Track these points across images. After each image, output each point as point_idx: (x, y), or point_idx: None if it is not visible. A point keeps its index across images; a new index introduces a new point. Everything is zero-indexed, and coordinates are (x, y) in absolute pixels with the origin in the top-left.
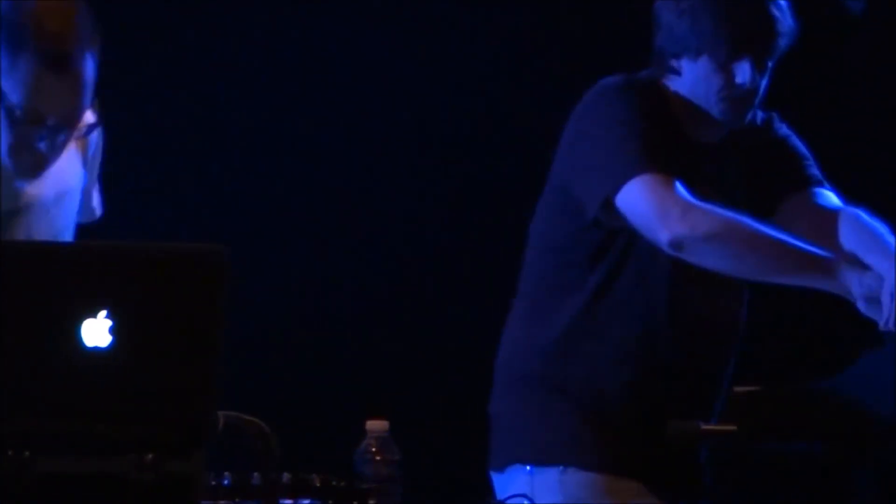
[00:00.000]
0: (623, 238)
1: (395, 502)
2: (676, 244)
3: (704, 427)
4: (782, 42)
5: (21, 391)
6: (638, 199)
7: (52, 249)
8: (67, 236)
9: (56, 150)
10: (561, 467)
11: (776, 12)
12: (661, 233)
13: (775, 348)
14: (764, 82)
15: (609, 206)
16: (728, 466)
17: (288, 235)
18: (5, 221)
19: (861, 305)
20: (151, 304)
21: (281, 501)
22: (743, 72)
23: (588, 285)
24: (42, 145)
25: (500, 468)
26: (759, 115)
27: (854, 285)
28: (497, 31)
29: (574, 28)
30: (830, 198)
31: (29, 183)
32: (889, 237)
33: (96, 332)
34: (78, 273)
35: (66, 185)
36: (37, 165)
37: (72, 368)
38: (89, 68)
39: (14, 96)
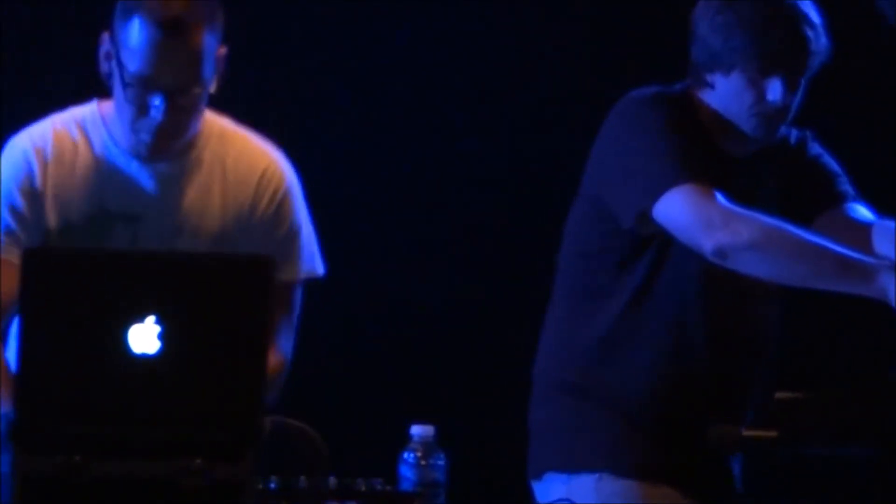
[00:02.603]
0: (656, 245)
1: None
2: (720, 253)
3: (746, 432)
4: (815, 61)
5: (71, 396)
6: (678, 209)
7: (101, 256)
8: None
9: (177, 127)
10: (597, 474)
11: (809, 31)
12: (705, 242)
13: (817, 354)
14: (796, 100)
15: (643, 217)
16: (767, 473)
17: (333, 242)
18: (120, 223)
19: None
20: (199, 310)
21: None
22: (774, 89)
23: (621, 292)
24: (158, 116)
25: (538, 476)
26: (794, 133)
27: (893, 291)
28: (533, 42)
29: (607, 38)
30: (864, 212)
31: (160, 195)
32: None
33: (144, 338)
34: (126, 280)
35: (200, 220)
36: (159, 140)
37: (120, 374)
38: (207, 40)
39: (130, 65)
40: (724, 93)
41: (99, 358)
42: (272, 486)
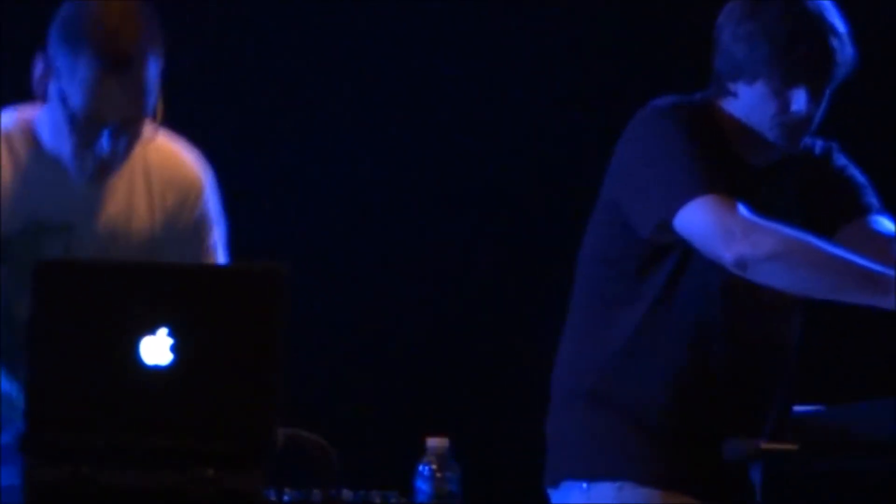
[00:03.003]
0: (676, 254)
1: None
2: (741, 264)
3: (765, 446)
4: (840, 72)
5: (82, 407)
6: (699, 220)
7: (112, 268)
8: None
9: (119, 155)
10: (618, 483)
11: (835, 42)
12: (725, 253)
13: (838, 367)
14: (820, 110)
15: (663, 227)
16: (787, 485)
17: (348, 256)
18: (52, 233)
19: None
20: (211, 322)
21: None
22: (798, 99)
23: (640, 300)
24: (104, 149)
25: (556, 484)
26: (819, 144)
27: None
28: (555, 51)
29: (628, 47)
30: (888, 225)
31: (89, 204)
32: None
33: (156, 350)
34: (138, 292)
35: (128, 225)
36: (102, 170)
37: (132, 386)
38: (151, 70)
39: (75, 99)
40: (747, 102)
41: (110, 369)
42: (286, 498)
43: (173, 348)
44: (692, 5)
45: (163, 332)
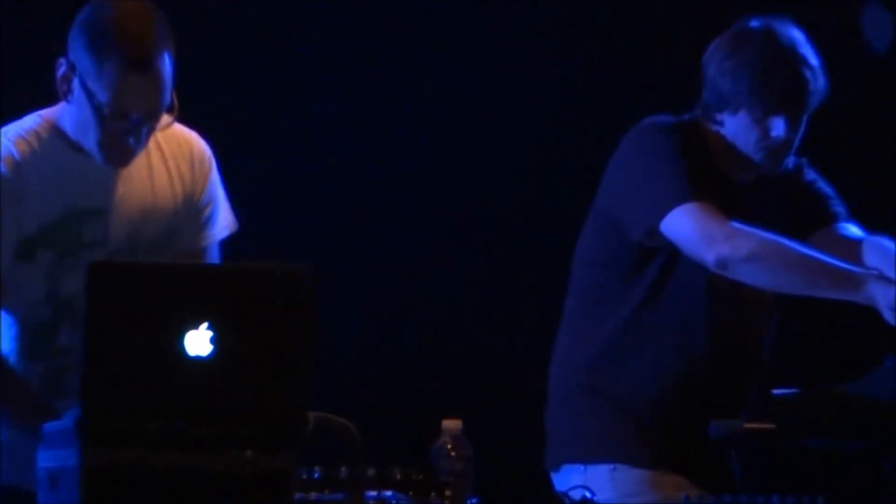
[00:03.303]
0: (662, 257)
1: (467, 493)
2: (721, 264)
3: (747, 426)
4: (814, 101)
5: (133, 395)
6: (684, 225)
7: (159, 269)
8: (157, 250)
9: (140, 143)
10: (612, 465)
11: (809, 74)
12: (707, 254)
13: (811, 354)
14: (798, 135)
15: (651, 231)
16: (764, 463)
17: (370, 258)
18: (89, 217)
19: (887, 314)
20: (248, 317)
21: (366, 493)
22: (777, 127)
23: (629, 300)
24: (128, 138)
25: (556, 467)
26: (792, 160)
27: (880, 297)
28: (555, 75)
29: (623, 70)
30: (854, 230)
31: (119, 188)
32: None
33: (199, 343)
34: (182, 290)
35: (155, 202)
36: (125, 156)
37: (177, 376)
38: (167, 68)
39: (102, 96)
40: (732, 129)
41: (158, 361)
42: (316, 475)
43: (213, 341)
44: (684, 25)
45: (204, 326)
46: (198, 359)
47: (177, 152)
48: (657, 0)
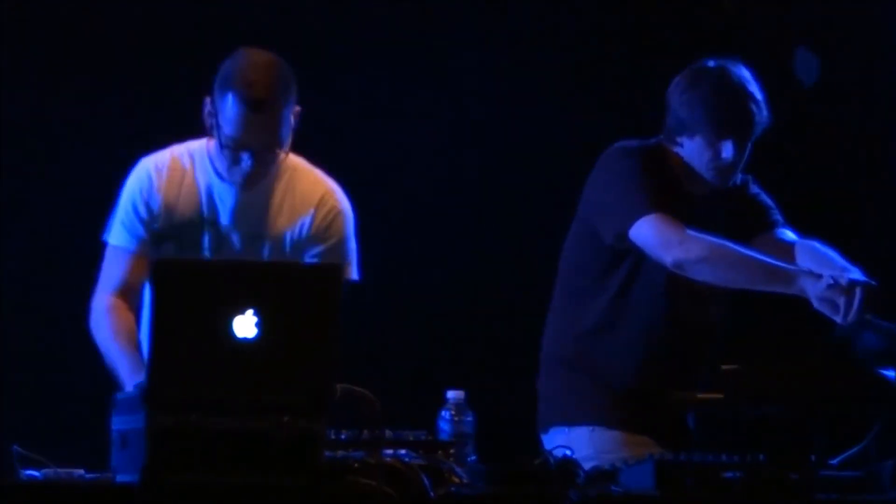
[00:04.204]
0: (631, 258)
1: (468, 453)
2: (678, 265)
3: (699, 395)
4: (758, 129)
5: (190, 369)
6: (647, 232)
7: (212, 264)
8: None
9: (257, 173)
10: (591, 427)
11: (754, 107)
12: (666, 257)
13: (753, 337)
14: (744, 156)
15: (621, 237)
16: (715, 427)
17: (390, 248)
18: (208, 226)
19: (815, 304)
20: (287, 305)
21: (383, 451)
22: (727, 149)
23: (605, 292)
24: (246, 167)
25: (545, 429)
26: (739, 177)
27: (810, 290)
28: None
29: (600, 100)
30: (790, 235)
31: (241, 210)
32: (837, 257)
33: (245, 326)
34: (231, 282)
35: (265, 230)
36: (245, 182)
37: (227, 353)
38: (284, 112)
39: (224, 129)
40: (689, 150)
41: (211, 341)
42: (342, 436)
43: (258, 325)
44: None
45: (250, 312)
46: (244, 340)
47: (304, 197)
48: (635, 40)
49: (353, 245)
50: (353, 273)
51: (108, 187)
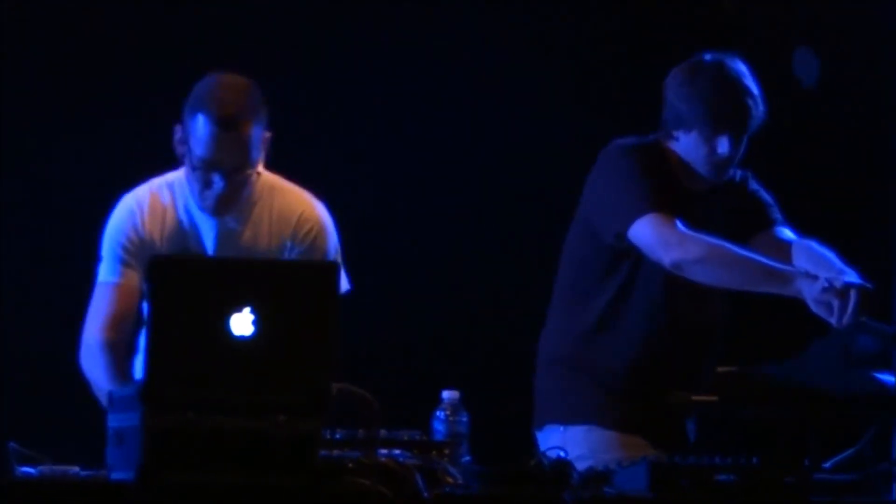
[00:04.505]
0: (630, 257)
1: (463, 453)
2: (676, 266)
3: (695, 398)
4: (754, 124)
5: (187, 368)
6: (646, 232)
7: (209, 262)
8: None
9: (230, 192)
10: (586, 426)
11: (750, 102)
12: (664, 258)
13: (749, 339)
14: (740, 151)
15: (620, 236)
16: (711, 428)
17: (385, 251)
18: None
19: (811, 306)
20: (283, 303)
21: (379, 451)
22: (723, 144)
23: (604, 292)
24: (217, 187)
25: (540, 427)
26: (738, 173)
27: (806, 291)
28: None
29: (598, 100)
30: (788, 234)
31: (224, 235)
32: (834, 258)
33: (242, 324)
34: (228, 280)
35: (251, 252)
36: (220, 206)
37: (223, 351)
38: (253, 131)
39: (195, 150)
40: (686, 145)
41: (207, 339)
42: (337, 436)
43: (254, 323)
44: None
45: (247, 310)
46: (241, 338)
47: (283, 215)
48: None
49: (338, 258)
50: (344, 284)
51: (109, 187)
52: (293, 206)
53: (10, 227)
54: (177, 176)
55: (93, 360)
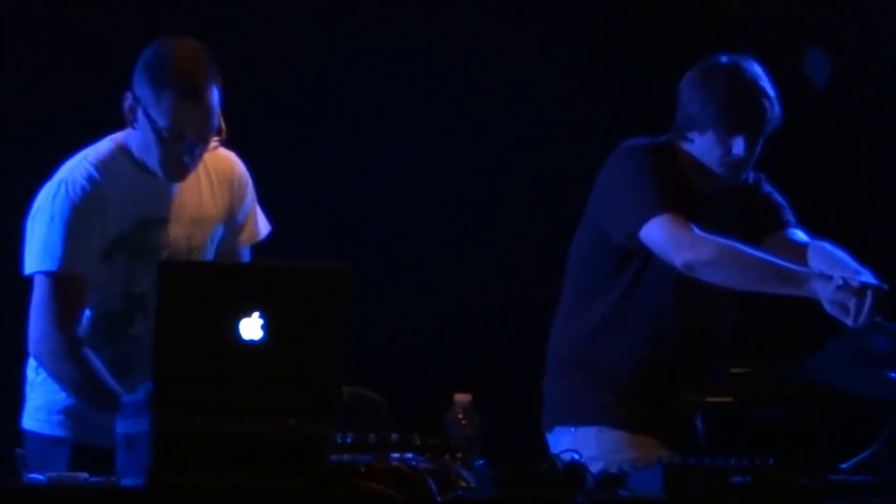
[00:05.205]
0: (639, 257)
1: (475, 455)
2: (688, 267)
3: (709, 399)
4: (770, 125)
5: (196, 372)
6: (658, 233)
7: (218, 267)
8: (204, 252)
9: (194, 161)
10: (597, 427)
11: (766, 103)
12: (676, 259)
13: (763, 340)
14: (756, 152)
15: (631, 237)
16: (724, 429)
17: (394, 252)
18: (154, 226)
19: (826, 307)
20: (292, 307)
21: (390, 455)
22: (738, 145)
23: (612, 291)
24: (184, 157)
25: (550, 429)
26: (752, 175)
27: (821, 292)
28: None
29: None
30: (801, 235)
31: (176, 200)
32: (849, 259)
33: (251, 328)
34: (237, 284)
35: (202, 212)
36: (182, 172)
37: (232, 355)
38: (215, 98)
39: (161, 121)
40: (700, 146)
41: (217, 343)
42: (348, 440)
43: (264, 327)
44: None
45: (256, 315)
46: (250, 342)
47: (221, 172)
48: (644, 39)
49: (256, 205)
50: (264, 227)
51: None
52: (226, 161)
53: (11, 226)
54: (105, 147)
55: (68, 367)
